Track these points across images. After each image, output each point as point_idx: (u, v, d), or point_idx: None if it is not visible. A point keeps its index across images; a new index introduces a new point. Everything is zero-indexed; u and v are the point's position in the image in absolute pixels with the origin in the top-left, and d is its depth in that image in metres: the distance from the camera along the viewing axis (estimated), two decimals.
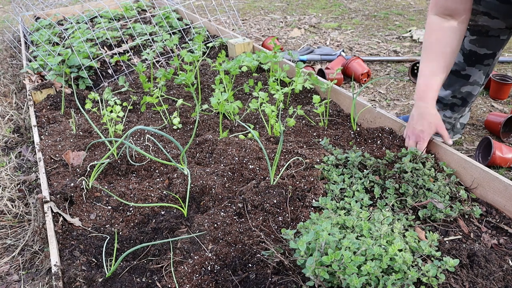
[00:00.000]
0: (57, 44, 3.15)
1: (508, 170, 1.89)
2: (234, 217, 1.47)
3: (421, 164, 1.65)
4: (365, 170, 1.65)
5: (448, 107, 2.04)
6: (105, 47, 3.13)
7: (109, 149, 1.89)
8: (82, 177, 1.68)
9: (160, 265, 1.30)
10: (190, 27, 3.41)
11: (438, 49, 1.71)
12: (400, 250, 1.21)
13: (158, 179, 1.72)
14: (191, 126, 2.08)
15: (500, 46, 1.85)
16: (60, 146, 1.94)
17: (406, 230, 1.39)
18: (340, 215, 1.39)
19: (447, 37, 1.70)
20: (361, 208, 1.47)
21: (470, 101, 2.02)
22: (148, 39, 3.16)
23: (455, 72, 1.97)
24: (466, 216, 1.50)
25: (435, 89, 1.71)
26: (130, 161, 1.79)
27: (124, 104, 2.29)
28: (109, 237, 1.45)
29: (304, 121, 2.07)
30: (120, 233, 1.48)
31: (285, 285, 1.18)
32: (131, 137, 2.00)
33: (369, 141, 1.88)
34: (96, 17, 3.69)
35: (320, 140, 1.90)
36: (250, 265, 1.28)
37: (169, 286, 1.23)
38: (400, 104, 2.56)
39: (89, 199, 1.59)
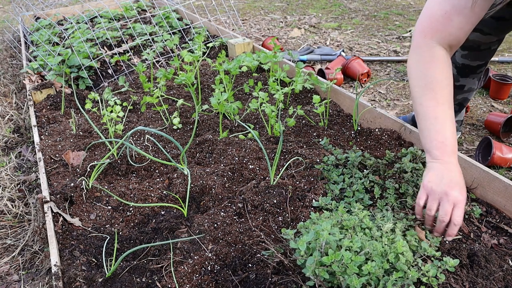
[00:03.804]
0: (57, 44, 3.15)
1: (508, 170, 1.89)
2: (234, 217, 1.47)
3: (421, 164, 1.64)
4: (365, 170, 1.65)
5: None
6: (105, 47, 3.12)
7: (109, 149, 1.89)
8: (82, 177, 1.68)
9: (160, 265, 1.30)
10: (190, 27, 3.41)
11: (448, 87, 1.34)
12: (401, 253, 1.21)
13: (158, 179, 1.72)
14: (191, 126, 2.08)
15: (492, 54, 1.87)
16: (60, 146, 1.94)
17: (407, 229, 1.39)
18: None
19: (450, 73, 1.36)
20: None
21: (466, 104, 2.05)
22: (148, 39, 3.16)
23: None
24: (466, 216, 1.50)
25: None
26: (130, 161, 1.79)
27: (124, 104, 2.29)
28: (109, 237, 1.45)
29: (304, 121, 2.07)
30: (120, 233, 1.48)
31: (285, 285, 1.18)
32: (131, 137, 2.00)
33: (369, 141, 1.88)
34: (96, 17, 3.69)
35: (320, 140, 1.90)
36: (250, 265, 1.28)
37: (169, 286, 1.23)
38: (400, 104, 2.56)
39: (89, 199, 1.59)
